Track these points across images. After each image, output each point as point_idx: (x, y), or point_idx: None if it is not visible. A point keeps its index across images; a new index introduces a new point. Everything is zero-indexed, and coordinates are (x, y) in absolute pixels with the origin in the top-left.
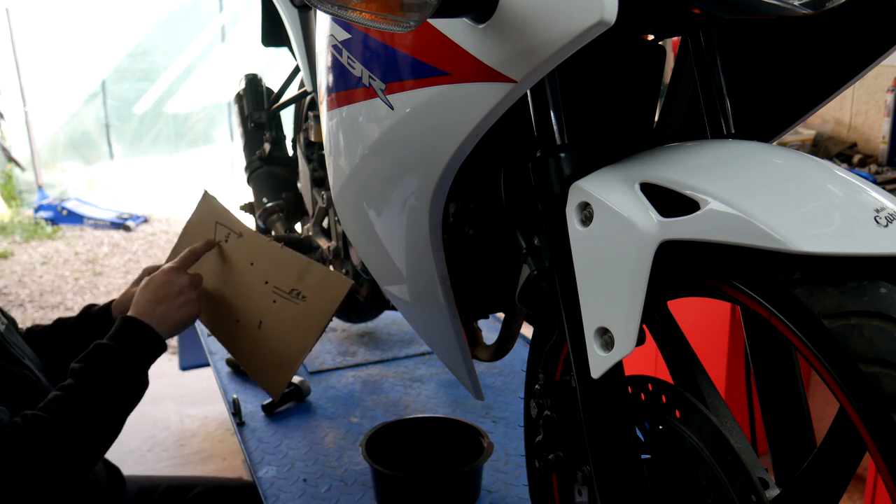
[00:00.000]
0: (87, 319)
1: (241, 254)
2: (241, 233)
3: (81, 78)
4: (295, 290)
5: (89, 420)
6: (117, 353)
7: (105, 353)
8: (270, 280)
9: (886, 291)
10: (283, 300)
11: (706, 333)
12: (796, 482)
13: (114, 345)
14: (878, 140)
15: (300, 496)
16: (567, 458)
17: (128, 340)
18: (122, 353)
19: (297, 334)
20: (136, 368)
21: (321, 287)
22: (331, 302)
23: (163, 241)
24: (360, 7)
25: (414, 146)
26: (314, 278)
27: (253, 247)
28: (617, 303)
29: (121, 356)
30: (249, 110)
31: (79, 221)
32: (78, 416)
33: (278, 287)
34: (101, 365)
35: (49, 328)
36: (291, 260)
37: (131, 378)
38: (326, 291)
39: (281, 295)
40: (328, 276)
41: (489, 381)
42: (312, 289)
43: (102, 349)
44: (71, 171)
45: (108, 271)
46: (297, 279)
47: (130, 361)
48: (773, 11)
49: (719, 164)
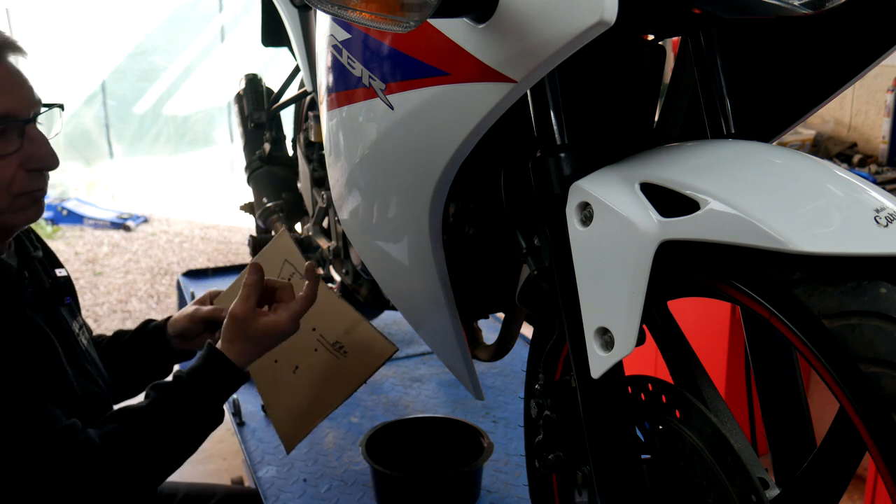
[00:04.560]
0: (144, 335)
1: None
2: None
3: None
4: (338, 344)
5: (161, 446)
6: (193, 391)
7: (181, 389)
8: (318, 328)
9: (886, 291)
10: (325, 351)
11: (706, 333)
12: (796, 482)
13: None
14: (878, 140)
15: (300, 496)
16: (567, 458)
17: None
18: (200, 393)
19: (328, 389)
20: (211, 404)
21: (364, 346)
22: (370, 364)
23: (163, 241)
24: (360, 7)
25: (414, 146)
26: (360, 336)
27: None
28: (617, 303)
29: (198, 394)
30: (249, 110)
31: (79, 221)
32: (152, 440)
33: (324, 336)
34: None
35: (108, 340)
36: (343, 312)
37: (205, 415)
38: (368, 352)
39: (324, 345)
40: (374, 338)
41: (489, 381)
42: (355, 346)
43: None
44: (71, 171)
45: (108, 271)
46: (344, 333)
47: (206, 400)
48: (773, 11)
49: (719, 164)
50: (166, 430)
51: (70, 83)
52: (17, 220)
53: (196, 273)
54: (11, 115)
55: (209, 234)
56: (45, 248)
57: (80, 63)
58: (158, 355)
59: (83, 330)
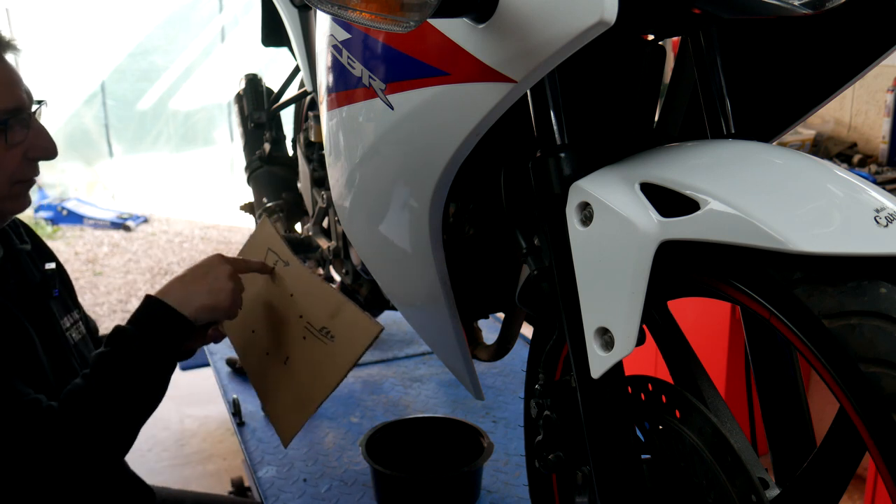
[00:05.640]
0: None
1: (284, 283)
2: (288, 261)
3: (81, 78)
4: (325, 329)
5: (116, 399)
6: (137, 337)
7: (125, 338)
8: (304, 315)
9: (886, 291)
10: (313, 338)
11: (706, 333)
12: (796, 482)
13: (133, 329)
14: (878, 140)
15: (300, 496)
16: (567, 458)
17: (148, 324)
18: (143, 338)
19: (320, 376)
20: (157, 350)
21: (350, 329)
22: (357, 346)
23: (162, 241)
24: (360, 7)
25: (414, 146)
26: (345, 318)
27: (296, 277)
28: (617, 303)
29: (141, 340)
30: (249, 110)
31: (79, 221)
32: (102, 404)
33: (310, 323)
34: (122, 351)
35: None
36: (327, 295)
37: (154, 361)
38: (355, 334)
39: (312, 332)
40: (358, 319)
41: (489, 381)
42: (342, 329)
43: (122, 334)
44: (71, 171)
45: (108, 271)
46: (329, 317)
47: (151, 344)
48: (773, 11)
49: (719, 164)
50: (119, 381)
51: (70, 83)
52: (13, 206)
53: None
54: (20, 107)
55: (209, 234)
56: (36, 242)
57: (80, 63)
58: None
59: (78, 325)
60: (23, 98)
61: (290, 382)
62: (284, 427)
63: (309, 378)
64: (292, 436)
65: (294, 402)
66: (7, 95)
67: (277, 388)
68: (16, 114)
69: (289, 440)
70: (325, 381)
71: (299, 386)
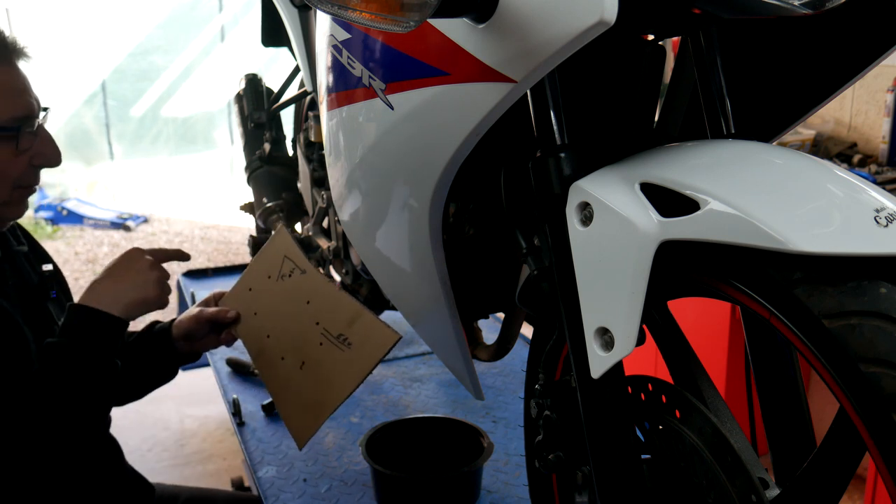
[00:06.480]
0: (150, 337)
1: (301, 291)
2: (305, 270)
3: (81, 78)
4: (342, 336)
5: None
6: (68, 347)
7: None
8: (321, 322)
9: (886, 291)
10: (330, 344)
11: (706, 333)
12: (796, 482)
13: (65, 341)
14: (878, 140)
15: (300, 496)
16: (567, 458)
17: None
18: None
19: (336, 382)
20: (92, 356)
21: (367, 336)
22: (374, 353)
23: (163, 241)
24: (360, 7)
25: (414, 146)
26: (362, 326)
27: (312, 285)
28: (617, 303)
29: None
30: (249, 110)
31: (79, 221)
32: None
33: (327, 330)
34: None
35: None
36: (345, 304)
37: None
38: (372, 342)
39: (328, 338)
40: (376, 327)
41: (489, 381)
42: (359, 337)
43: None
44: (71, 172)
45: None
46: (347, 325)
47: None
48: (773, 11)
49: (719, 164)
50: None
51: (70, 83)
52: (11, 212)
53: (196, 273)
54: (31, 114)
55: (209, 234)
56: (33, 244)
57: (80, 63)
58: (164, 357)
59: None
60: (33, 105)
61: (306, 387)
62: (300, 430)
63: (325, 384)
64: (307, 439)
65: (309, 406)
66: (20, 103)
67: (293, 392)
68: (26, 121)
69: (304, 443)
70: (341, 387)
71: (315, 391)
